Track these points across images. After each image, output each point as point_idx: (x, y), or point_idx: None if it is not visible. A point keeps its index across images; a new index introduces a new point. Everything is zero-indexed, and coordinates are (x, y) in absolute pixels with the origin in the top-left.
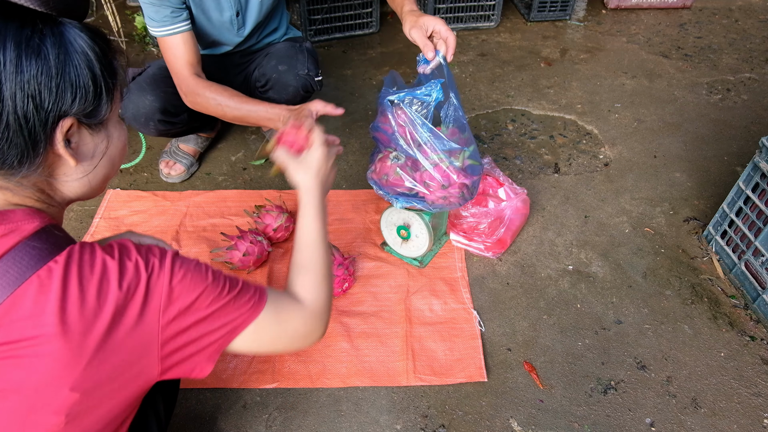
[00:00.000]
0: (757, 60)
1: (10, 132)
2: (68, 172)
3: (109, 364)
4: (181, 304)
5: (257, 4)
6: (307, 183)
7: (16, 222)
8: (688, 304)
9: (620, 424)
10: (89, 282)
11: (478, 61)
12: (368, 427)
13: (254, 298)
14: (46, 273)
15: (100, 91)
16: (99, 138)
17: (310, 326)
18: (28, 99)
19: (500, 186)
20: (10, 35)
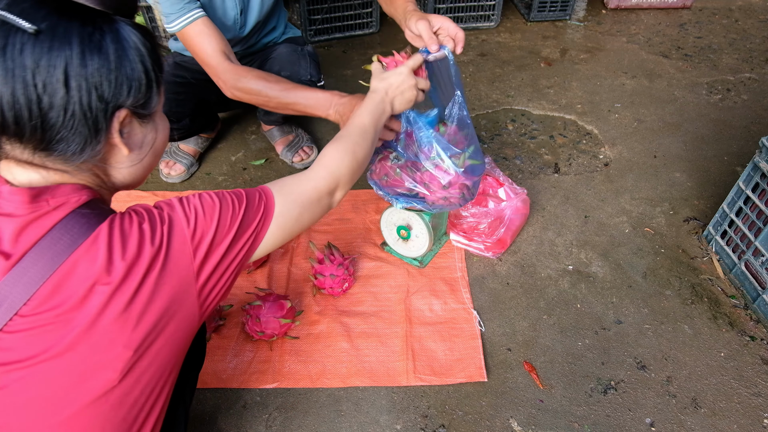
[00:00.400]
0: (757, 60)
1: (75, 121)
2: (120, 160)
3: (154, 316)
4: (207, 240)
5: (258, 3)
6: (375, 86)
7: (66, 195)
8: (688, 304)
9: (620, 424)
10: (129, 243)
11: (478, 61)
12: (368, 427)
13: (263, 199)
14: (93, 239)
15: (150, 83)
16: (147, 129)
17: (322, 189)
18: (92, 90)
19: (500, 186)
20: (74, 32)
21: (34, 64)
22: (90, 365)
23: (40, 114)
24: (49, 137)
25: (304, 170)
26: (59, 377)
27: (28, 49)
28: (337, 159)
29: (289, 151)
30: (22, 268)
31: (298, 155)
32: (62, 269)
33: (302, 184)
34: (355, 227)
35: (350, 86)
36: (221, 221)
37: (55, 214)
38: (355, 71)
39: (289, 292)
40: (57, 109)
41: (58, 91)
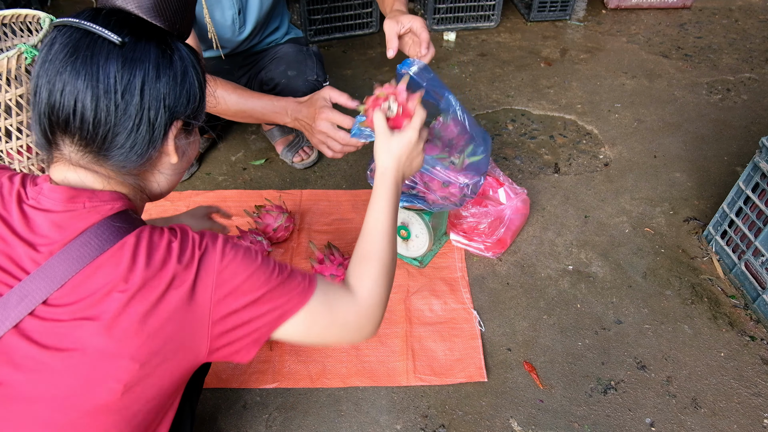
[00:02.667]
0: (757, 60)
1: (142, 128)
2: (165, 167)
3: (164, 334)
4: (232, 284)
5: (257, 3)
6: (386, 163)
7: (103, 201)
8: (688, 304)
9: (620, 424)
10: (155, 255)
11: (478, 61)
12: (368, 427)
13: (303, 283)
14: (120, 246)
15: (203, 97)
16: (188, 141)
17: (363, 319)
18: (161, 101)
19: (500, 186)
20: (152, 48)
21: (118, 73)
22: (96, 371)
23: (115, 119)
24: (114, 142)
25: (353, 287)
26: (65, 377)
27: (113, 58)
28: (381, 288)
29: (289, 151)
30: (49, 266)
31: (299, 155)
32: (85, 271)
33: (346, 302)
34: (355, 227)
35: (350, 86)
36: (254, 276)
37: (89, 217)
38: (355, 71)
39: None
40: (129, 116)
41: (134, 99)
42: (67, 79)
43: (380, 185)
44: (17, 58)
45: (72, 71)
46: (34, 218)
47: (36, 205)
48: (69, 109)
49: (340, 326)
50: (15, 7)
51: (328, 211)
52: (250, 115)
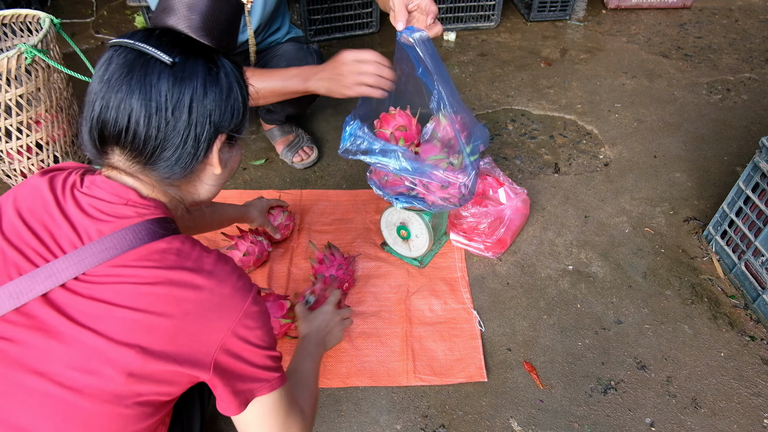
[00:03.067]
0: (757, 60)
1: (189, 143)
2: (207, 178)
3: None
4: (250, 326)
5: (261, 3)
6: (304, 331)
7: (145, 206)
8: (688, 304)
9: (620, 424)
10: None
11: (478, 61)
12: (368, 427)
13: (282, 371)
14: (152, 246)
15: (246, 111)
16: (231, 153)
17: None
18: (207, 118)
19: (500, 186)
20: (200, 66)
21: (169, 91)
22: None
23: (165, 135)
24: (162, 156)
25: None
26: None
27: (165, 77)
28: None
29: (289, 151)
30: (83, 251)
31: (298, 155)
32: (115, 261)
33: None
34: (355, 227)
35: None
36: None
37: (130, 215)
38: None
39: (289, 292)
40: (178, 131)
41: (183, 116)
42: (123, 96)
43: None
44: (17, 58)
45: (127, 90)
46: (82, 203)
47: (87, 192)
48: (122, 124)
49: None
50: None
51: (328, 211)
52: (272, 92)
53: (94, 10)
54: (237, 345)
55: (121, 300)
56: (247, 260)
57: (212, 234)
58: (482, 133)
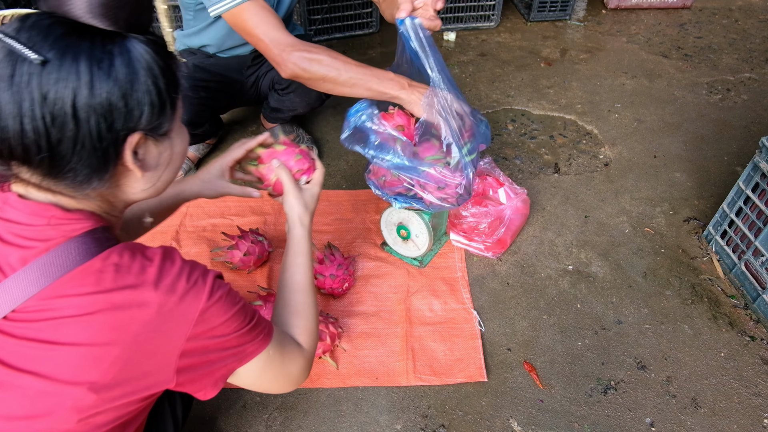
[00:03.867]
0: (757, 60)
1: (84, 152)
2: (134, 182)
3: (129, 366)
4: (211, 323)
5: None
6: (305, 219)
7: (69, 221)
8: (688, 304)
9: (620, 424)
10: (123, 279)
11: (478, 61)
12: (368, 427)
13: (264, 331)
14: (84, 268)
15: (164, 105)
16: (163, 147)
17: (305, 370)
18: (102, 120)
19: (500, 186)
20: (83, 58)
21: (41, 97)
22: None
23: (49, 147)
24: (58, 168)
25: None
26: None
27: (35, 79)
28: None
29: None
30: (8, 285)
31: None
32: (46, 291)
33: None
34: (355, 227)
35: None
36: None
37: (53, 236)
38: None
39: None
40: (66, 142)
41: (67, 124)
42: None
43: (300, 241)
44: None
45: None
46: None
47: (2, 215)
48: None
49: (287, 375)
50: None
51: (328, 211)
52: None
53: None
54: (199, 345)
55: (61, 337)
56: (247, 260)
57: (212, 234)
58: (484, 130)
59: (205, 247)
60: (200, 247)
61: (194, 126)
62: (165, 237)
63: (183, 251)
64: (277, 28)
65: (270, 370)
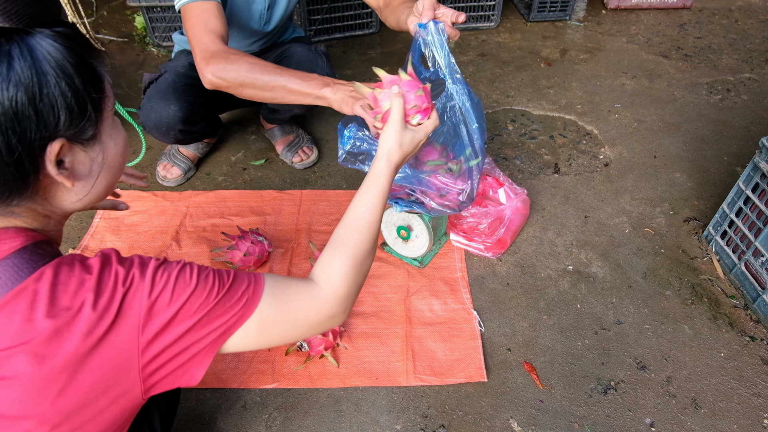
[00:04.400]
0: (757, 60)
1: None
2: (65, 193)
3: (81, 390)
4: (163, 318)
5: (285, 1)
6: (394, 157)
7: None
8: (688, 305)
9: (620, 424)
10: (61, 301)
11: (478, 61)
12: (368, 427)
13: (248, 292)
14: (16, 294)
15: (84, 106)
16: (94, 152)
17: (324, 313)
18: (8, 132)
19: (500, 186)
20: None
21: None
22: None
23: None
24: None
25: (309, 279)
26: None
27: None
28: (349, 281)
29: (289, 151)
30: None
31: (298, 155)
32: None
33: (302, 300)
34: None
35: None
36: (189, 301)
37: None
38: (355, 71)
39: None
40: None
41: None
42: None
43: (378, 177)
44: None
45: None
46: None
47: None
48: None
49: (299, 324)
50: None
51: (328, 211)
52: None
53: (94, 10)
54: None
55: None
56: (247, 260)
57: (212, 234)
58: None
59: (205, 247)
60: (200, 247)
61: (190, 124)
62: (165, 237)
63: (183, 251)
64: (208, 34)
65: (272, 327)
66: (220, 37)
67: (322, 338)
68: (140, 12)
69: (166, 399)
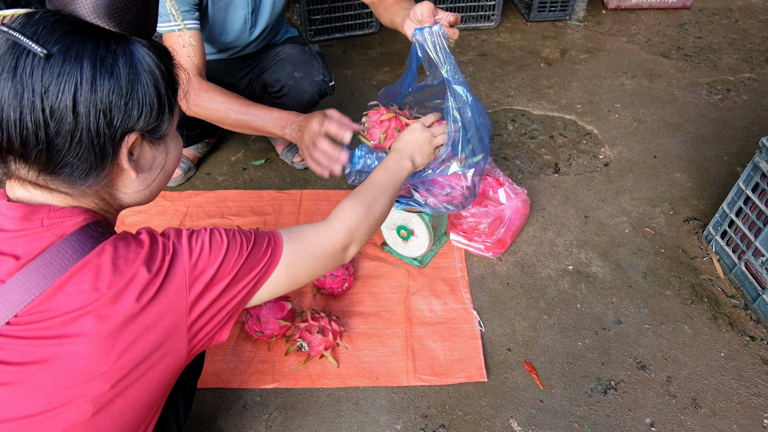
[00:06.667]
0: (757, 60)
1: (82, 147)
2: (128, 183)
3: (138, 346)
4: (205, 278)
5: (270, 5)
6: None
7: (63, 217)
8: (688, 304)
9: (620, 424)
10: (120, 271)
11: (478, 61)
12: (368, 427)
13: (271, 244)
14: (83, 265)
15: (163, 108)
16: (158, 151)
17: (338, 244)
18: (101, 116)
19: (500, 186)
20: (87, 55)
21: (43, 89)
22: (63, 391)
23: (47, 140)
24: (55, 162)
25: (322, 221)
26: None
27: (38, 72)
28: (355, 214)
29: (289, 151)
30: (7, 289)
31: (299, 155)
32: (47, 292)
33: (318, 235)
34: None
35: (351, 86)
36: (225, 260)
37: (47, 235)
38: (355, 71)
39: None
40: (64, 135)
41: (66, 117)
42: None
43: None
44: None
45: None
46: None
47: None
48: None
49: (319, 257)
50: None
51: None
52: (250, 126)
53: None
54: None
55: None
56: None
57: None
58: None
59: None
60: None
61: (189, 128)
62: None
63: None
64: (193, 66)
65: (299, 268)
66: (196, 66)
67: (322, 338)
68: None
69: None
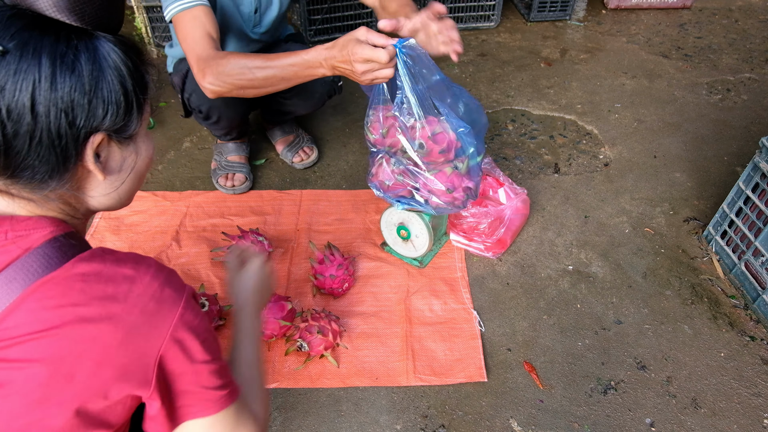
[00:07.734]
0: (757, 60)
1: (42, 148)
2: (96, 186)
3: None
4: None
5: (277, 4)
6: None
7: (29, 229)
8: (688, 304)
9: (620, 424)
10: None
11: (478, 61)
12: (368, 427)
13: (233, 384)
14: (45, 282)
15: (131, 106)
16: (127, 152)
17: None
18: (62, 115)
19: (500, 186)
20: (45, 51)
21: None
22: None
23: (4, 141)
24: (14, 165)
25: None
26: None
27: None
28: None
29: (289, 151)
30: None
31: (298, 155)
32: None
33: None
34: (355, 227)
35: (350, 86)
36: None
37: (12, 249)
38: None
39: (290, 292)
40: (23, 136)
41: (24, 117)
42: None
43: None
44: None
45: None
46: None
47: None
48: None
49: None
50: None
51: (328, 211)
52: (282, 78)
53: None
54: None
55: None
56: None
57: (212, 234)
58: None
59: (205, 247)
60: (200, 247)
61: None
62: (165, 237)
63: (183, 251)
64: (200, 41)
65: None
66: (212, 40)
67: (322, 338)
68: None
69: None
